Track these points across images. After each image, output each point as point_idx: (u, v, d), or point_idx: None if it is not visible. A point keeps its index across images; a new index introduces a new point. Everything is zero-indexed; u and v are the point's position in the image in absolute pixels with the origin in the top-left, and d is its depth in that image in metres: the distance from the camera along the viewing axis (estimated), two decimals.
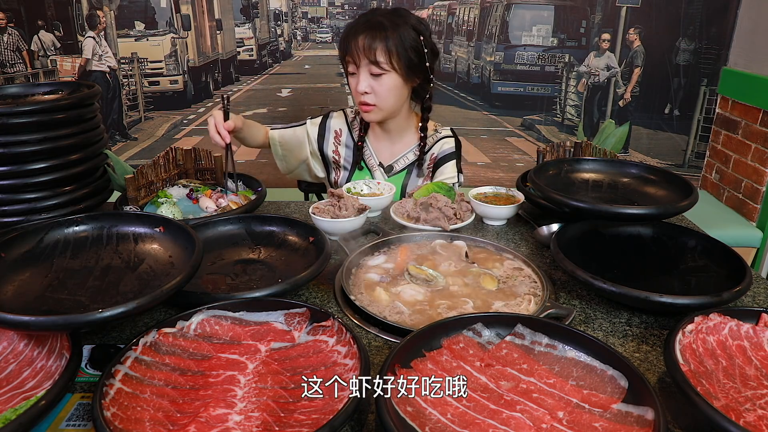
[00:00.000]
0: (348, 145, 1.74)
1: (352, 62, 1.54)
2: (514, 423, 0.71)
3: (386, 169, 1.73)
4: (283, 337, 0.88)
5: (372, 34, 1.49)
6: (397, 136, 1.71)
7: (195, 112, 3.07)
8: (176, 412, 0.73)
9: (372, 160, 1.72)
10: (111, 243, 1.07)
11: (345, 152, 1.74)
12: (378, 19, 1.51)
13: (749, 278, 0.99)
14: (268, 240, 1.24)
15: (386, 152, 1.73)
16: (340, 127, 1.76)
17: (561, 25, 2.96)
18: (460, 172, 1.72)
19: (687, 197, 1.16)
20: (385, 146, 1.73)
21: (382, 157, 1.73)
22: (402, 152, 1.72)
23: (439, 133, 1.73)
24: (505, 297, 1.05)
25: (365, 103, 1.57)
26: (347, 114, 1.77)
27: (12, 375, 0.80)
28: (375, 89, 1.54)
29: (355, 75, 1.56)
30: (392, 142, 1.72)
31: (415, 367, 0.80)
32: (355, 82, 1.56)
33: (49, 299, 0.92)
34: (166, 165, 1.51)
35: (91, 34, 2.81)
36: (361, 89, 1.54)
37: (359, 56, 1.51)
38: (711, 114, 3.03)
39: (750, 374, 0.82)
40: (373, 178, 1.67)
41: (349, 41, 1.52)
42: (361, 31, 1.50)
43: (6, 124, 1.17)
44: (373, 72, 1.53)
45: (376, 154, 1.73)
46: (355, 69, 1.54)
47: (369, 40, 1.49)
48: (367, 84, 1.54)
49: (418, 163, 1.71)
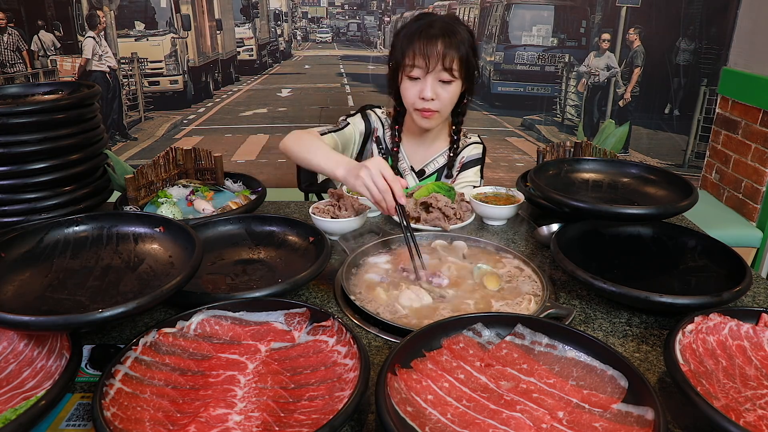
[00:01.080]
0: (381, 146, 1.72)
1: (422, 67, 1.48)
2: (514, 423, 0.71)
3: (418, 173, 1.72)
4: (283, 337, 0.88)
5: (449, 41, 1.46)
6: (431, 140, 1.71)
7: (195, 112, 3.07)
8: (176, 412, 0.73)
9: (404, 164, 1.71)
10: (111, 243, 1.07)
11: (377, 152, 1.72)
12: (449, 25, 1.49)
13: (749, 278, 0.99)
14: (268, 240, 1.24)
15: (418, 156, 1.72)
16: (377, 127, 1.73)
17: (561, 25, 2.96)
18: (482, 178, 1.73)
19: (687, 197, 1.16)
20: (417, 151, 1.72)
21: (414, 161, 1.72)
22: (433, 156, 1.72)
23: (468, 139, 1.74)
24: (505, 297, 1.05)
25: (428, 110, 1.53)
26: (379, 115, 1.74)
27: (12, 375, 0.80)
28: (440, 96, 1.52)
29: (417, 80, 1.51)
30: (425, 147, 1.71)
31: (415, 367, 0.80)
32: (417, 88, 1.51)
33: (49, 299, 0.92)
34: (166, 165, 1.51)
35: (91, 34, 2.81)
36: (428, 95, 1.50)
37: (432, 62, 1.46)
38: (711, 114, 3.03)
39: (750, 374, 0.82)
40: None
41: (421, 45, 1.46)
42: (438, 35, 1.46)
43: (6, 124, 1.17)
44: (443, 79, 1.49)
45: (409, 158, 1.72)
46: (422, 74, 1.49)
47: (446, 46, 1.46)
48: (434, 90, 1.51)
49: (448, 167, 1.71)
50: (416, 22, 1.51)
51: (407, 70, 1.51)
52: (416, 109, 1.54)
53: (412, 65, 1.49)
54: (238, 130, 3.11)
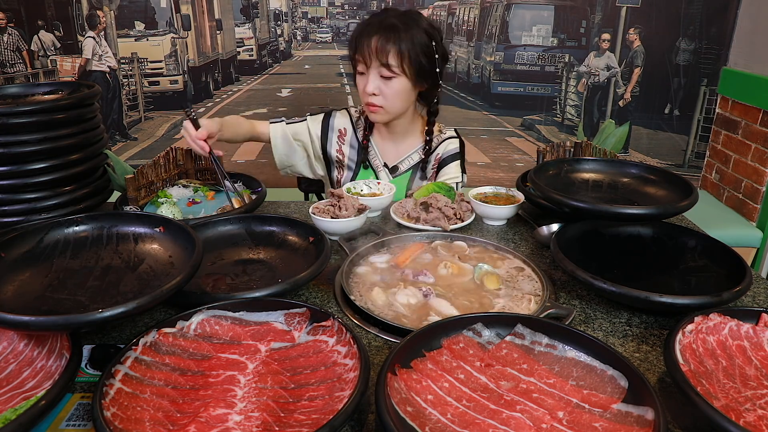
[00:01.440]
0: (353, 144, 1.74)
1: (362, 62, 1.53)
2: (514, 423, 0.71)
3: (391, 170, 1.73)
4: (283, 337, 0.88)
5: (385, 36, 1.48)
6: (402, 137, 1.72)
7: (195, 112, 3.07)
8: (176, 412, 0.73)
9: (377, 160, 1.73)
10: (111, 243, 1.07)
11: (350, 152, 1.74)
12: (392, 20, 1.50)
13: (749, 278, 0.99)
14: (268, 240, 1.24)
15: (391, 153, 1.73)
16: (345, 126, 1.75)
17: (561, 25, 2.96)
18: (464, 172, 1.72)
19: (687, 197, 1.16)
20: (389, 147, 1.73)
21: (387, 157, 1.73)
22: (407, 153, 1.73)
23: (444, 134, 1.74)
24: (504, 297, 1.05)
25: (372, 104, 1.56)
26: (351, 113, 1.77)
27: (12, 375, 0.80)
28: (383, 91, 1.54)
29: (364, 75, 1.55)
30: (397, 144, 1.73)
31: (415, 367, 0.80)
32: (363, 83, 1.55)
33: (49, 299, 0.92)
34: (166, 165, 1.51)
35: (91, 34, 2.81)
36: (370, 90, 1.54)
37: (370, 57, 1.50)
38: (711, 114, 3.03)
39: (750, 374, 0.82)
40: (378, 179, 1.67)
41: (361, 41, 1.51)
42: (374, 32, 1.49)
43: (6, 124, 1.17)
44: (383, 74, 1.52)
45: (381, 154, 1.73)
46: (365, 69, 1.53)
47: (382, 42, 1.48)
48: (375, 86, 1.53)
49: (422, 165, 1.72)
50: (370, 17, 1.56)
51: (355, 65, 1.57)
52: (365, 103, 1.59)
53: (357, 60, 1.55)
54: None
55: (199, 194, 1.51)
